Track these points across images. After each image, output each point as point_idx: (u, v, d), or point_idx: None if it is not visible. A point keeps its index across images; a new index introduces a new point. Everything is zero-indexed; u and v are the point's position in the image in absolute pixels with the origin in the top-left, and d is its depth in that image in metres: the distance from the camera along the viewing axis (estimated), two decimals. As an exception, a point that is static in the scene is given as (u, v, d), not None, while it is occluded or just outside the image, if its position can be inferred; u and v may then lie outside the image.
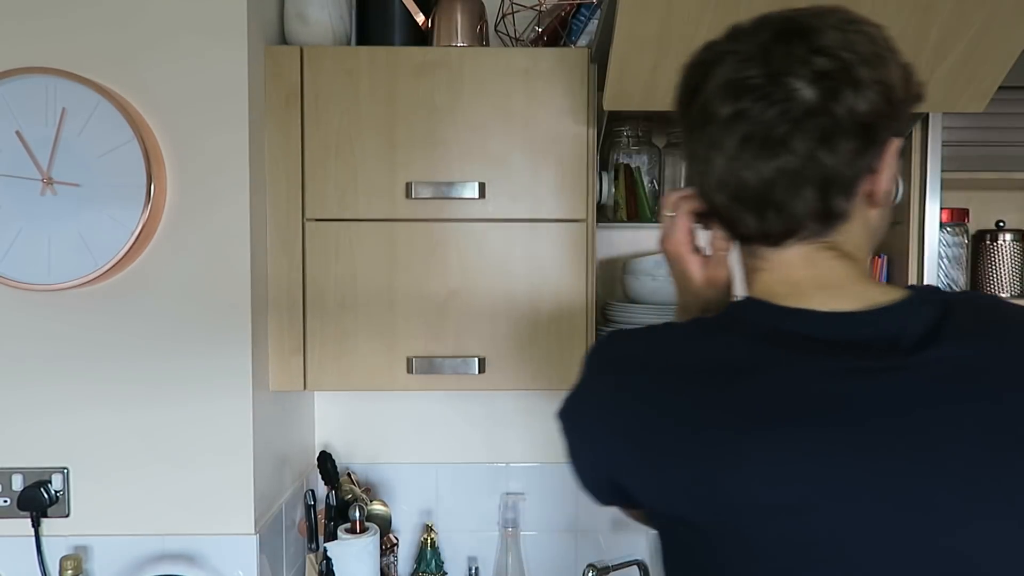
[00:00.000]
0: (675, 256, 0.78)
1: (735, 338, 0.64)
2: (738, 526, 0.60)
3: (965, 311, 0.63)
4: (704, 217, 0.74)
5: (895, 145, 0.64)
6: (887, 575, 0.57)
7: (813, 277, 0.65)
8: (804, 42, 0.60)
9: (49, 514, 1.23)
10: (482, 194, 1.30)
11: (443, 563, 1.63)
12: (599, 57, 1.26)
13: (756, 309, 0.66)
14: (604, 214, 1.49)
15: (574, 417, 0.73)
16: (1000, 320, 0.63)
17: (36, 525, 1.21)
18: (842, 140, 0.60)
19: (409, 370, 1.32)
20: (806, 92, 0.60)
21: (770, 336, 0.63)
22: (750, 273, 0.70)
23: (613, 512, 1.69)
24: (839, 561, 0.57)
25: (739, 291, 0.74)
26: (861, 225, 0.66)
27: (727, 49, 0.63)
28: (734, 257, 0.74)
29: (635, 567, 1.53)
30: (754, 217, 0.65)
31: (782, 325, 0.63)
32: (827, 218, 0.64)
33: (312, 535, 1.42)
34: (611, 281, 1.67)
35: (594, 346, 0.74)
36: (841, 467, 0.57)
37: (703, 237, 0.77)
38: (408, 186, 1.30)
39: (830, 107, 0.59)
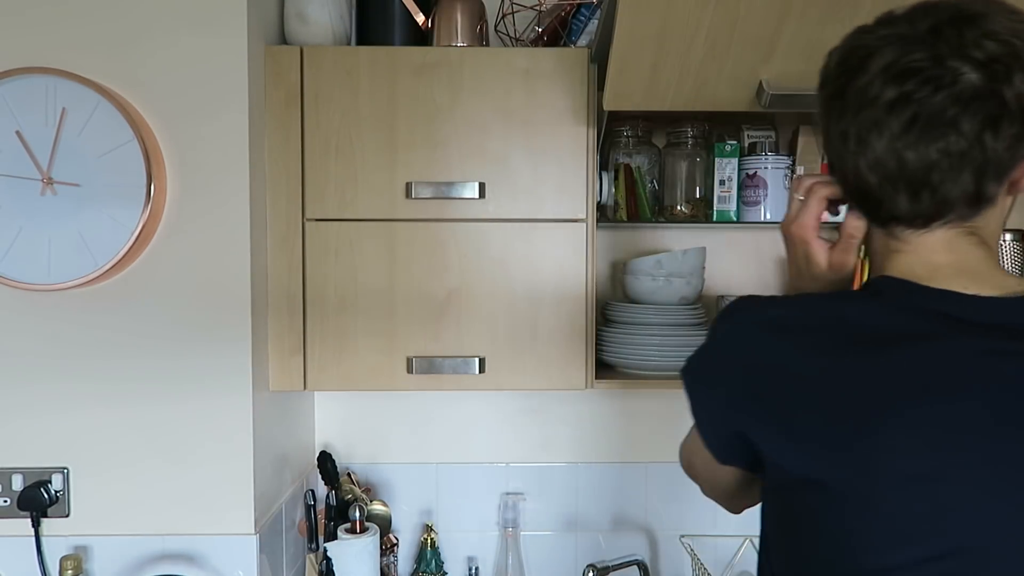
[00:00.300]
0: (801, 240, 0.79)
1: (877, 308, 0.66)
2: (870, 490, 0.62)
3: None
4: (835, 203, 0.77)
5: None
6: (1004, 550, 0.60)
7: (953, 262, 0.67)
8: (975, 27, 0.62)
9: (49, 514, 1.23)
10: (482, 194, 1.30)
11: (443, 563, 1.63)
12: (599, 57, 1.26)
13: (898, 285, 0.68)
14: (604, 214, 1.49)
15: (707, 372, 0.75)
16: None
17: (36, 525, 1.21)
18: (1007, 125, 0.62)
19: (409, 370, 1.32)
20: (972, 76, 0.61)
21: (913, 311, 0.65)
22: (886, 255, 0.72)
23: (613, 512, 1.70)
24: (959, 533, 0.60)
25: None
26: (999, 212, 0.68)
27: (888, 33, 0.65)
28: (871, 242, 0.75)
29: (635, 567, 1.53)
30: (907, 198, 0.66)
31: (925, 303, 0.65)
32: (976, 203, 0.66)
33: (312, 535, 1.42)
34: (611, 281, 1.68)
35: (730, 306, 0.75)
36: (975, 443, 0.60)
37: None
38: (408, 186, 1.30)
39: (999, 91, 0.61)
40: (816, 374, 0.65)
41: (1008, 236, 1.55)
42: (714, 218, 1.46)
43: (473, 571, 1.66)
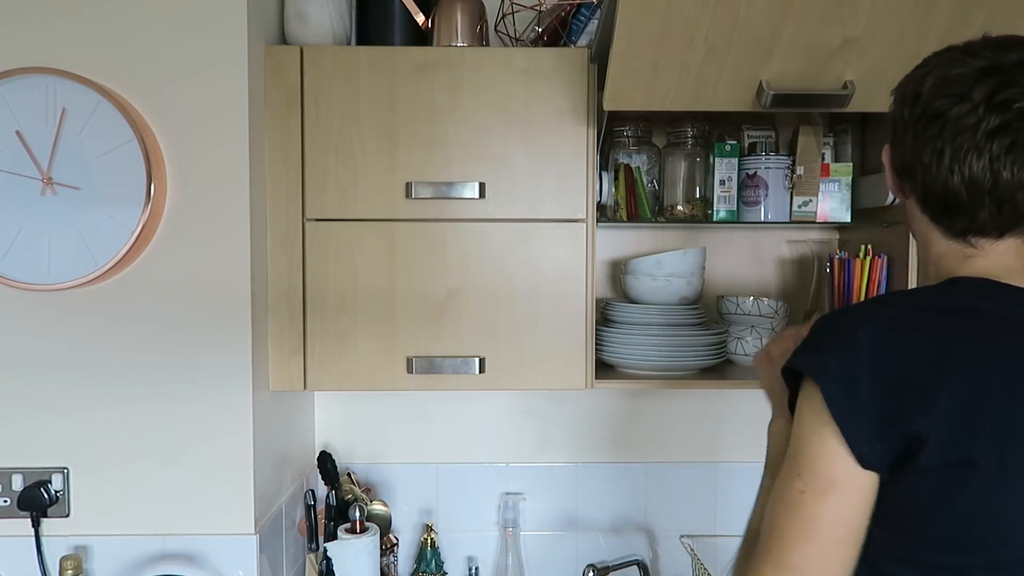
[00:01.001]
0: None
1: (982, 300, 0.76)
2: (1010, 467, 0.70)
3: None
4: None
5: None
6: None
7: (1022, 265, 0.79)
8: None
9: (49, 514, 1.23)
10: (482, 194, 1.30)
11: (443, 563, 1.63)
12: (599, 57, 1.26)
13: (987, 283, 0.77)
14: (604, 214, 1.49)
15: (852, 369, 0.74)
16: None
17: (36, 525, 1.21)
18: None
19: (409, 370, 1.32)
20: None
21: (1010, 303, 0.75)
22: (957, 260, 0.81)
23: (613, 512, 1.70)
24: None
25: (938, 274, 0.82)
26: None
27: (984, 66, 0.74)
28: (936, 248, 0.83)
29: (635, 567, 1.53)
30: (992, 211, 0.76)
31: (1015, 297, 0.76)
32: None
33: (312, 535, 1.42)
34: (611, 281, 1.68)
35: (847, 311, 0.79)
36: None
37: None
38: (408, 186, 1.30)
39: None
40: (966, 354, 0.71)
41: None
42: (714, 218, 1.46)
43: (473, 571, 1.66)
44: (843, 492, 0.72)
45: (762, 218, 1.43)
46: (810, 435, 0.74)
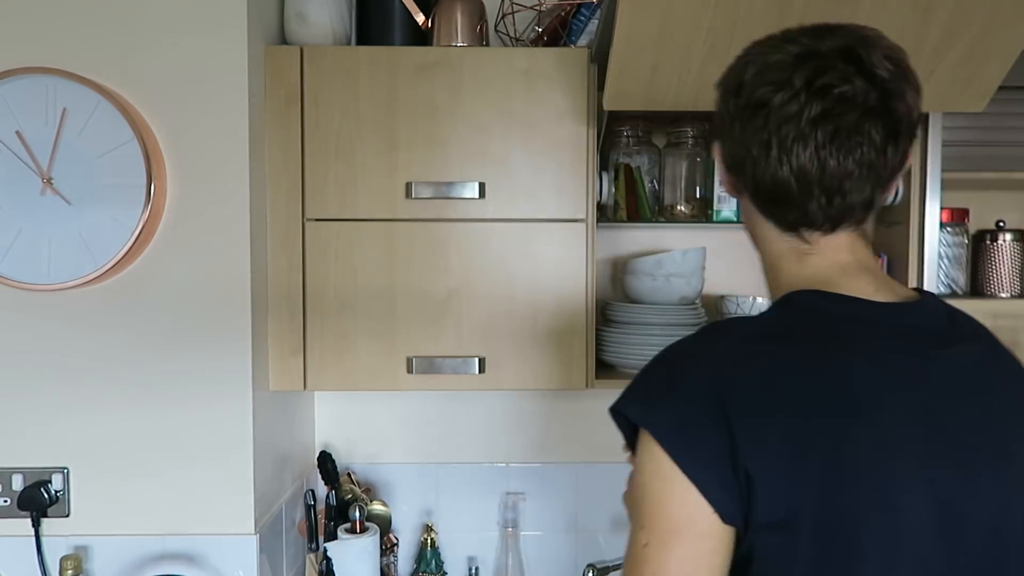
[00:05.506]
0: None
1: (810, 321, 0.72)
2: (854, 513, 0.65)
3: (959, 316, 0.76)
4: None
5: None
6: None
7: (856, 261, 0.75)
8: (874, 49, 0.70)
9: (49, 514, 1.23)
10: (482, 194, 1.30)
11: (443, 563, 1.63)
12: (599, 57, 1.26)
13: (819, 300, 0.73)
14: (604, 214, 1.49)
15: (687, 413, 0.68)
16: (976, 328, 0.76)
17: (36, 525, 1.21)
18: (901, 138, 0.71)
19: (409, 370, 1.32)
20: (874, 94, 0.69)
21: (843, 322, 0.71)
22: (794, 257, 0.77)
23: (613, 512, 1.70)
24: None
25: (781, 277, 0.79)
26: (874, 216, 0.77)
27: (801, 52, 0.71)
28: (772, 247, 0.80)
29: (635, 567, 1.53)
30: (822, 202, 0.73)
31: (850, 312, 0.72)
32: (869, 208, 0.74)
33: (312, 535, 1.42)
34: (611, 281, 1.68)
35: (673, 350, 0.74)
36: (913, 438, 0.67)
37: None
38: (408, 186, 1.30)
39: (895, 107, 0.70)
40: (792, 397, 0.67)
41: (1008, 236, 1.55)
42: (714, 218, 1.46)
43: (473, 571, 1.66)
44: (691, 542, 0.66)
45: (762, 218, 1.42)
46: (652, 482, 0.68)
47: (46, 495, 1.22)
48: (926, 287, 1.37)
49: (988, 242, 1.56)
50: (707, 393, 0.67)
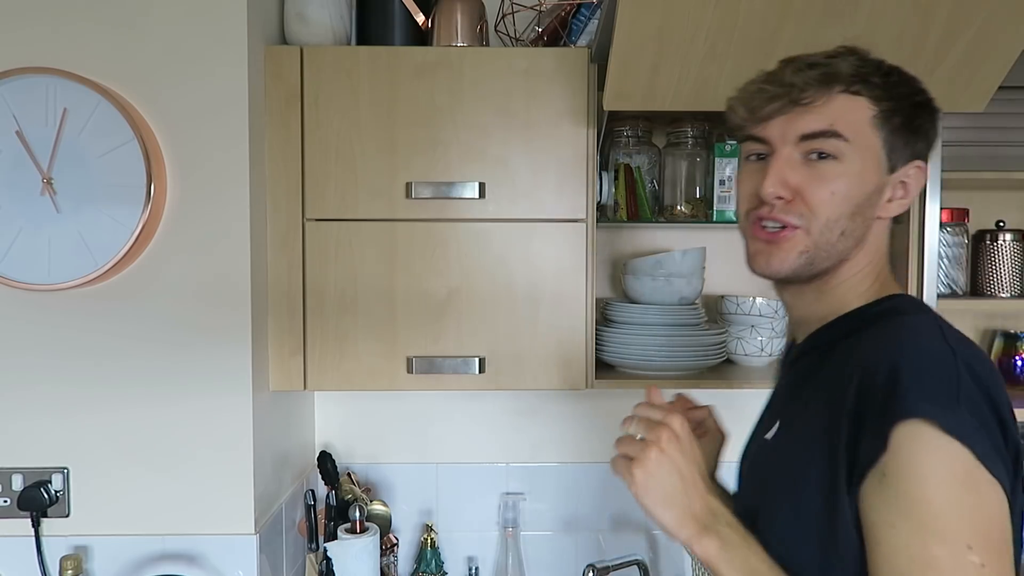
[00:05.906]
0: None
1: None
2: None
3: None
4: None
5: None
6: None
7: None
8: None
9: (49, 514, 1.23)
10: (482, 194, 1.30)
11: (443, 563, 1.63)
12: (599, 57, 1.26)
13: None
14: (604, 214, 1.49)
15: (983, 415, 0.69)
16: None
17: (36, 525, 1.21)
18: None
19: (409, 370, 1.32)
20: None
21: None
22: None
23: (613, 512, 1.70)
24: None
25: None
26: None
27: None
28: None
29: (635, 567, 1.53)
30: None
31: None
32: None
33: (312, 535, 1.42)
34: (611, 281, 1.68)
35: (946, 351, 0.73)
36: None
37: None
38: (408, 186, 1.30)
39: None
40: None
41: (1008, 236, 1.55)
42: (714, 218, 1.46)
43: (473, 571, 1.66)
44: (1011, 550, 0.66)
45: (762, 218, 1.42)
46: (964, 497, 0.65)
47: (46, 495, 1.22)
48: (926, 287, 1.37)
49: (988, 242, 1.56)
50: (990, 391, 0.69)
